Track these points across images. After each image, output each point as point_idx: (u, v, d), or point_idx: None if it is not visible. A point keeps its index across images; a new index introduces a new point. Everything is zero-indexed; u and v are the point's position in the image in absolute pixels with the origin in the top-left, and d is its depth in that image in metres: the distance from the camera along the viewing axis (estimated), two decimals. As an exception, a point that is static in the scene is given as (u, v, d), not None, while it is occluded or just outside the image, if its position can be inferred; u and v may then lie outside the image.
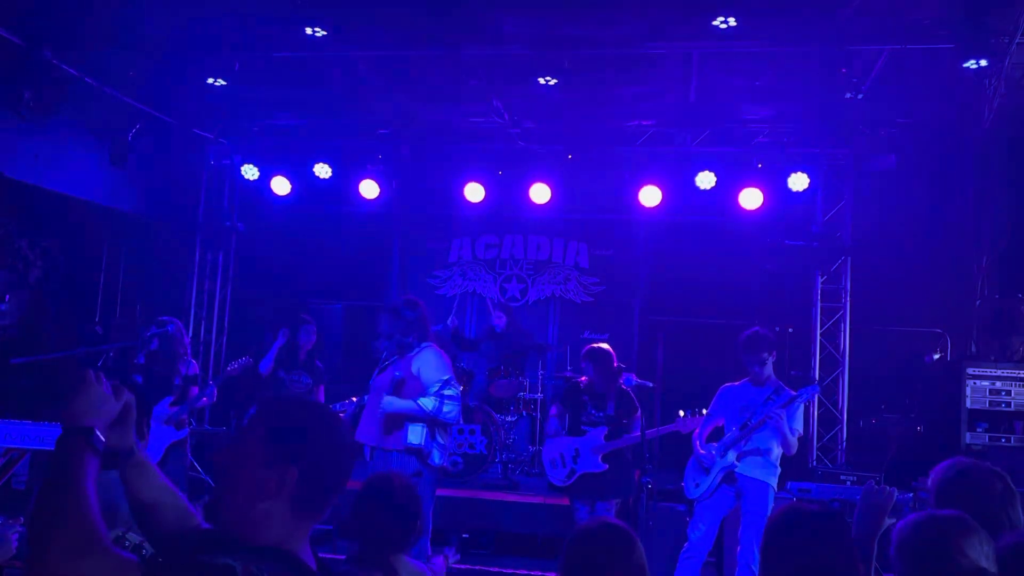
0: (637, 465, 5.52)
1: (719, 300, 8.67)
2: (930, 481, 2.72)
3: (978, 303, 7.65)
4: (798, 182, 7.77)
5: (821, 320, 8.44)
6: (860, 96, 6.87)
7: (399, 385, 4.74)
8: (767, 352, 5.15)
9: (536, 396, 8.37)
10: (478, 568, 6.26)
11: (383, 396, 4.70)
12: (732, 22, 5.79)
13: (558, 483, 5.65)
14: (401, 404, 4.67)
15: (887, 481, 5.93)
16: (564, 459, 5.60)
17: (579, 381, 5.77)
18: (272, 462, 1.56)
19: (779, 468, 5.12)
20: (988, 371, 6.91)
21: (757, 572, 4.32)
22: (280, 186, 8.69)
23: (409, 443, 4.70)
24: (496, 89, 7.40)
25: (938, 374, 7.85)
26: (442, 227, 9.74)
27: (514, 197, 8.49)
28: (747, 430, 5.03)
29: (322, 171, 8.50)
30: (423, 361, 4.77)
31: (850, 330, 8.35)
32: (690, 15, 5.91)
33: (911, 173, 7.57)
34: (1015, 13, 5.56)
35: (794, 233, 8.48)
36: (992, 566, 2.11)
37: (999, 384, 6.86)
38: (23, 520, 2.77)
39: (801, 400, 5.07)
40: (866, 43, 6.17)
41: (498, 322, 8.46)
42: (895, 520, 2.41)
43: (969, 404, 6.85)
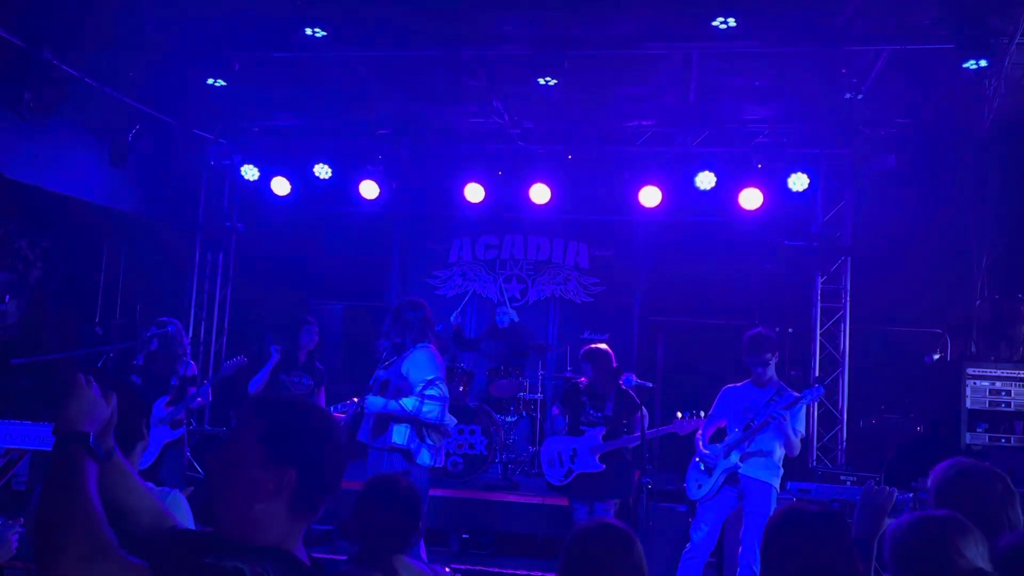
0: (637, 466, 5.53)
1: (719, 300, 8.67)
2: (930, 481, 2.72)
3: (978, 303, 7.65)
4: (798, 182, 7.77)
5: (821, 320, 8.44)
6: (860, 96, 6.88)
7: (384, 385, 4.79)
8: (771, 352, 5.15)
9: (536, 396, 8.36)
10: (478, 568, 6.26)
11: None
12: (732, 22, 5.78)
13: (555, 482, 5.66)
14: (383, 404, 4.73)
15: (887, 481, 5.92)
16: (562, 459, 5.61)
17: (579, 381, 5.79)
18: (270, 463, 1.56)
19: (782, 469, 5.13)
20: (988, 371, 6.90)
21: (758, 573, 4.32)
22: (280, 186, 8.68)
23: (392, 443, 4.76)
24: (496, 89, 7.39)
25: (938, 374, 7.85)
26: (442, 227, 9.73)
27: (514, 197, 8.48)
28: (750, 431, 5.04)
29: (322, 171, 8.49)
30: (412, 361, 4.82)
31: (850, 330, 8.34)
32: (690, 15, 5.90)
33: (911, 173, 7.57)
34: (1015, 13, 5.55)
35: (794, 233, 8.49)
36: (988, 565, 2.11)
37: (999, 384, 6.85)
38: (23, 520, 2.77)
39: (805, 402, 5.07)
40: (866, 43, 6.16)
41: (501, 319, 8.43)
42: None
43: (969, 404, 6.84)
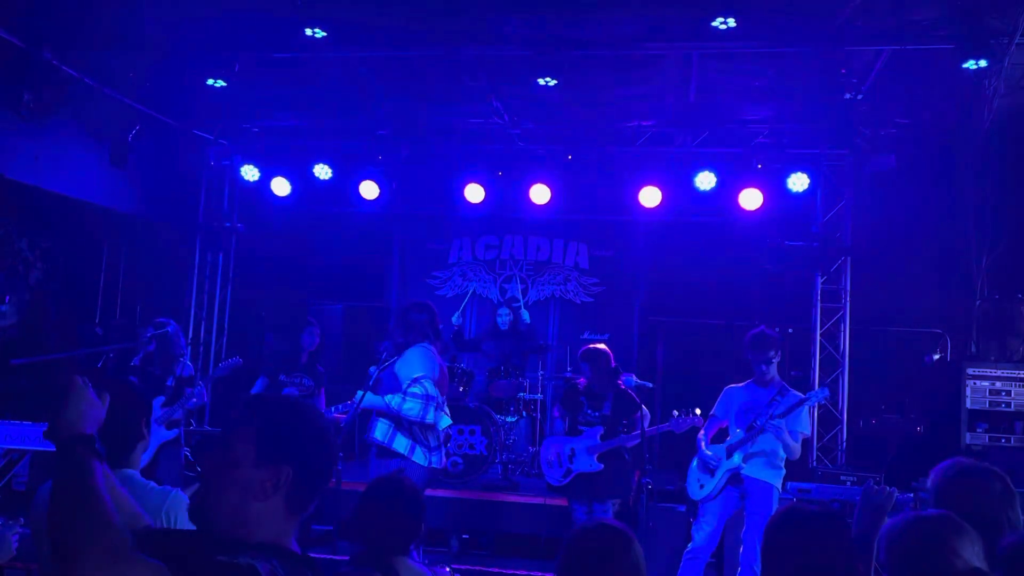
0: (637, 466, 5.53)
1: (719, 301, 8.66)
2: (930, 481, 2.72)
3: (978, 303, 7.65)
4: (798, 183, 7.77)
5: (821, 320, 8.44)
6: (860, 96, 6.88)
7: (377, 383, 4.84)
8: (774, 351, 5.17)
9: (536, 397, 8.36)
10: (478, 569, 6.26)
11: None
12: (732, 23, 5.78)
13: (554, 483, 5.66)
14: (371, 400, 4.78)
15: (887, 481, 5.92)
16: (560, 459, 5.61)
17: (577, 382, 5.79)
18: (266, 463, 1.57)
19: (784, 470, 5.14)
20: (988, 371, 6.90)
21: (759, 573, 4.33)
22: (280, 187, 8.68)
23: (373, 438, 4.79)
24: (496, 90, 7.39)
25: (938, 374, 7.84)
26: (442, 227, 9.74)
27: (514, 198, 8.48)
28: (753, 432, 5.04)
29: (322, 172, 8.49)
30: (404, 359, 4.85)
31: (850, 330, 8.34)
32: (690, 15, 5.90)
33: (911, 173, 7.57)
34: (1015, 13, 5.55)
35: (794, 233, 8.49)
36: (983, 565, 2.11)
37: (999, 384, 6.85)
38: (23, 521, 2.77)
39: (809, 403, 5.09)
40: (866, 44, 6.16)
41: (502, 320, 8.43)
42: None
43: (969, 404, 6.84)
